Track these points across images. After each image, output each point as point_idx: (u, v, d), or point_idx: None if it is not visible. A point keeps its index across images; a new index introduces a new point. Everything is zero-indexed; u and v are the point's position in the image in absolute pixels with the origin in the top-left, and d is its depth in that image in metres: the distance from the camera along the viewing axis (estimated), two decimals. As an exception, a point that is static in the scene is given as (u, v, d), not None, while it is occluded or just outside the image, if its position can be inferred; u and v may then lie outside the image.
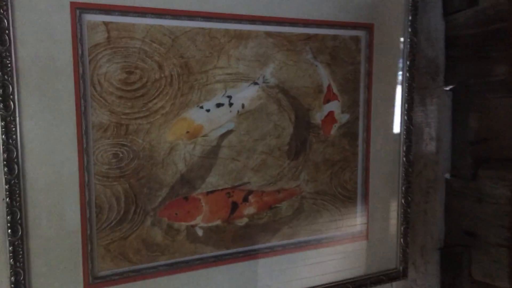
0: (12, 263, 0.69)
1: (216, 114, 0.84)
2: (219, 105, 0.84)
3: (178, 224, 0.82)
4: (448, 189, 1.15)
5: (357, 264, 1.01)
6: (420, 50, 1.08)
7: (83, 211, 0.74)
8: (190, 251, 0.84)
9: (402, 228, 1.04)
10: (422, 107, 1.10)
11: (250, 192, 0.88)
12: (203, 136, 0.83)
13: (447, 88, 1.12)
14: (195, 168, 0.83)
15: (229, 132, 0.85)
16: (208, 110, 0.83)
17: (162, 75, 0.79)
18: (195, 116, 0.82)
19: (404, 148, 1.02)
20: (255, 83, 0.86)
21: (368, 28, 0.96)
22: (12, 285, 0.70)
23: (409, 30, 0.99)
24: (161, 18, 0.77)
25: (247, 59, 0.85)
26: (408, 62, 1.00)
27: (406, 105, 1.01)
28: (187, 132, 0.81)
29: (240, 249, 0.89)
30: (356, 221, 1.00)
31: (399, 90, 1.01)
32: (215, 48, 0.82)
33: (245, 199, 0.88)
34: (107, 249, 0.77)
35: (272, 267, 0.91)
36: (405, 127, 1.02)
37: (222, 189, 0.86)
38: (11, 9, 0.67)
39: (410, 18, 0.98)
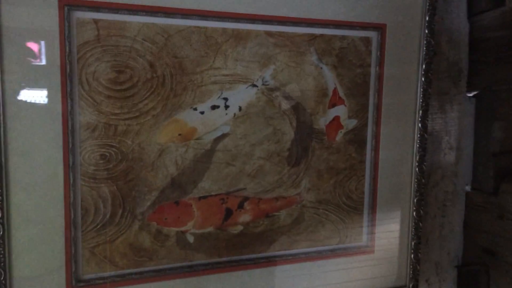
0: (-7, 262, 0.69)
1: (210, 117, 0.80)
2: (214, 107, 0.80)
3: (167, 229, 0.80)
4: (468, 203, 1.07)
5: (361, 278, 0.95)
6: (441, 52, 1.01)
7: (67, 212, 0.73)
8: (180, 257, 0.81)
9: (412, 243, 0.98)
10: (441, 114, 1.03)
11: (245, 198, 0.84)
12: (196, 139, 0.80)
13: (470, 95, 1.04)
14: (187, 172, 0.80)
15: (224, 135, 0.82)
16: (202, 112, 0.79)
17: (154, 75, 0.76)
18: (188, 118, 0.79)
19: (417, 158, 0.95)
20: (254, 85, 0.82)
21: (380, 28, 0.90)
22: (-8, 285, 0.69)
23: (426, 31, 0.92)
24: (153, 16, 0.75)
25: (246, 59, 0.81)
26: (423, 66, 0.93)
27: (421, 111, 0.94)
28: (179, 134, 0.79)
29: (234, 258, 0.85)
30: (361, 233, 0.94)
31: (413, 95, 0.94)
32: (212, 48, 0.79)
33: (240, 206, 0.84)
34: (92, 252, 0.75)
35: (268, 279, 0.87)
36: (418, 135, 0.95)
37: (215, 195, 0.82)
38: (-2, 5, 0.66)
39: (427, 18, 0.91)
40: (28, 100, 0.69)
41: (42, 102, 0.70)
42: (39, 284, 0.72)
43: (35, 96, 0.69)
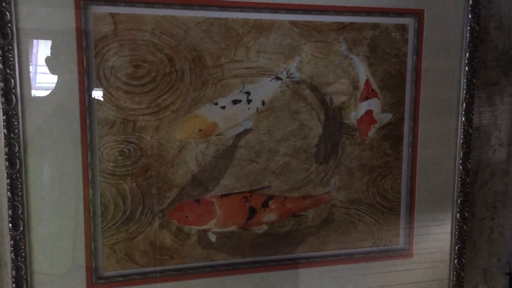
0: (13, 257, 0.69)
1: (232, 112, 0.77)
2: (235, 101, 0.77)
3: (188, 227, 0.78)
4: (521, 205, 0.97)
5: (397, 284, 0.88)
6: (488, 40, 0.92)
7: (86, 209, 0.72)
8: (202, 257, 0.79)
9: (456, 247, 0.90)
10: (490, 107, 0.94)
11: (270, 197, 0.81)
12: (218, 135, 0.77)
13: (524, 85, 0.95)
14: (208, 169, 0.77)
15: (247, 131, 0.78)
16: (223, 107, 0.77)
17: (173, 69, 0.74)
18: (209, 113, 0.76)
19: (461, 155, 0.88)
20: (278, 78, 0.78)
21: (417, 14, 0.83)
22: (13, 280, 0.70)
23: (470, 16, 0.84)
24: (171, 8, 0.73)
25: (269, 51, 0.77)
26: (467, 55, 0.85)
27: (464, 104, 0.86)
28: (200, 130, 0.76)
29: (258, 259, 0.82)
30: (398, 236, 0.88)
31: (455, 87, 0.86)
32: (232, 40, 0.76)
33: (265, 205, 0.81)
34: (113, 249, 0.75)
35: (294, 281, 0.83)
36: (462, 130, 0.87)
37: (238, 193, 0.79)
38: (14, 2, 0.66)
39: (470, 2, 0.83)
40: (46, 97, 0.69)
41: (59, 98, 0.70)
42: (59, 280, 0.73)
43: (53, 92, 0.69)
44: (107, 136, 0.73)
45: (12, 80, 0.67)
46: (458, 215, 0.89)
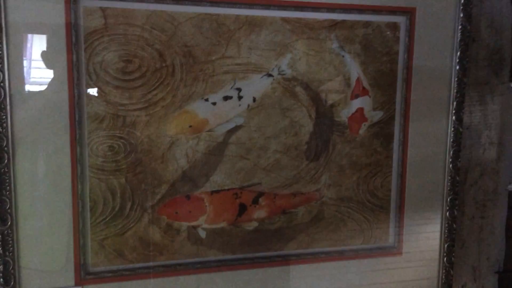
0: (1, 252, 0.69)
1: (223, 108, 0.77)
2: (226, 98, 0.77)
3: (178, 223, 0.77)
4: (511, 203, 0.98)
5: (387, 282, 0.89)
6: (480, 39, 0.92)
7: (75, 204, 0.72)
8: (192, 253, 0.79)
9: (446, 245, 0.90)
10: (480, 106, 0.94)
11: (260, 194, 0.81)
12: (208, 131, 0.77)
13: (514, 85, 0.95)
14: (199, 165, 0.77)
15: (237, 127, 0.78)
16: (214, 103, 0.76)
17: (163, 65, 0.74)
18: (199, 109, 0.76)
19: (451, 154, 0.88)
20: (269, 75, 0.78)
21: (409, 13, 0.83)
22: (1, 275, 0.69)
23: (461, 15, 0.84)
24: (162, 3, 0.72)
25: (260, 48, 0.77)
26: (459, 53, 0.85)
27: (455, 103, 0.86)
28: (190, 126, 0.76)
29: (248, 255, 0.81)
30: (388, 234, 0.88)
31: (446, 85, 0.86)
32: (224, 36, 0.76)
33: (255, 201, 0.81)
34: (101, 244, 0.74)
35: (284, 278, 0.83)
36: (453, 129, 0.87)
37: (228, 189, 0.79)
38: (3, -5, 0.66)
39: (462, 1, 0.83)
40: (35, 91, 0.69)
41: (49, 92, 0.69)
42: (48, 275, 0.72)
43: (42, 86, 0.69)
44: (97, 131, 0.72)
45: (1, 74, 0.66)
46: (447, 213, 0.89)
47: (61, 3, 0.68)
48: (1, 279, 0.69)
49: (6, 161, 0.68)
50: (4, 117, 0.67)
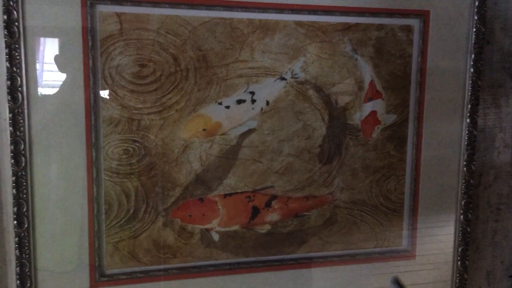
0: (18, 254, 0.70)
1: (236, 111, 0.77)
2: (240, 101, 0.77)
3: (191, 226, 0.78)
4: (526, 207, 0.97)
5: (400, 286, 0.88)
6: (494, 41, 0.91)
7: (90, 207, 0.73)
8: (205, 256, 0.79)
9: (459, 249, 0.90)
10: (495, 109, 0.94)
11: (273, 197, 0.81)
12: (222, 134, 0.77)
13: (529, 87, 0.94)
14: (212, 168, 0.78)
15: (250, 131, 0.78)
16: (227, 107, 0.77)
17: (178, 69, 0.74)
18: (213, 112, 0.76)
19: (465, 157, 0.87)
20: (282, 78, 0.78)
21: (423, 15, 0.83)
22: (18, 276, 0.70)
23: (476, 18, 0.84)
24: (176, 8, 0.73)
25: (274, 51, 0.77)
26: (473, 56, 0.85)
27: (469, 106, 0.86)
28: (204, 129, 0.76)
29: (261, 259, 0.82)
30: (401, 237, 0.88)
31: (460, 88, 0.86)
32: (237, 39, 0.76)
33: (268, 205, 0.81)
34: (116, 247, 0.75)
35: (296, 281, 0.83)
36: (467, 132, 0.87)
37: (241, 192, 0.79)
38: (21, 1, 0.67)
39: (476, 3, 0.83)
40: (51, 95, 0.70)
41: (64, 96, 0.70)
42: (63, 277, 0.73)
43: (57, 90, 0.70)
44: (112, 135, 0.73)
45: (19, 78, 0.67)
46: (461, 217, 0.89)
47: (78, 8, 0.69)
48: (18, 281, 0.70)
49: (23, 164, 0.69)
50: (21, 121, 0.68)
